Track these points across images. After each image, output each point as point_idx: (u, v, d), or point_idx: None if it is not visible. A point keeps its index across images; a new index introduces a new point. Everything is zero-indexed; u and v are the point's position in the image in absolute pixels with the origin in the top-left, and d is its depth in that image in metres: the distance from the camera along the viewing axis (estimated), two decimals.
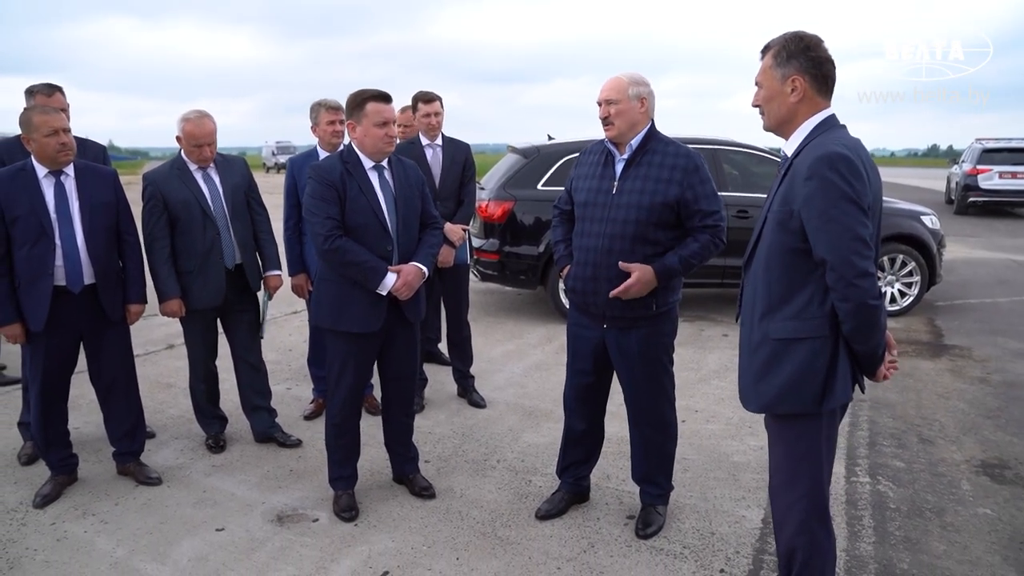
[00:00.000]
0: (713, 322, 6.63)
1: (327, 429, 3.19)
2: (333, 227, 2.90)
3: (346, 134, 3.10)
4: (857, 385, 2.09)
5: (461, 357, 4.61)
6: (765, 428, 2.25)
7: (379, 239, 2.98)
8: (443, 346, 5.08)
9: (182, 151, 3.55)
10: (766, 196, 2.21)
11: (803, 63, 2.02)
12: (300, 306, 6.58)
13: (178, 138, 3.50)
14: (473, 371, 4.68)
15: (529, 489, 3.39)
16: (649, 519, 3.01)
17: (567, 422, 3.15)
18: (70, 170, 3.15)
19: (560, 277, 3.15)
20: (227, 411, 4.00)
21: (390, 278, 2.96)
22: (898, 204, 7.17)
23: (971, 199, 16.34)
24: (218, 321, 3.78)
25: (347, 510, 3.13)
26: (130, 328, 3.42)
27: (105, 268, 3.21)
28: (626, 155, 2.80)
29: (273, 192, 5.61)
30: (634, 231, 2.73)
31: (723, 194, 6.32)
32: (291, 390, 4.77)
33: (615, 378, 3.03)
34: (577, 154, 3.19)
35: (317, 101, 4.07)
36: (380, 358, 3.21)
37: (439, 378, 4.88)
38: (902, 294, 6.85)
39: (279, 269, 3.89)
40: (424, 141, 4.29)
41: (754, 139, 6.99)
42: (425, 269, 3.09)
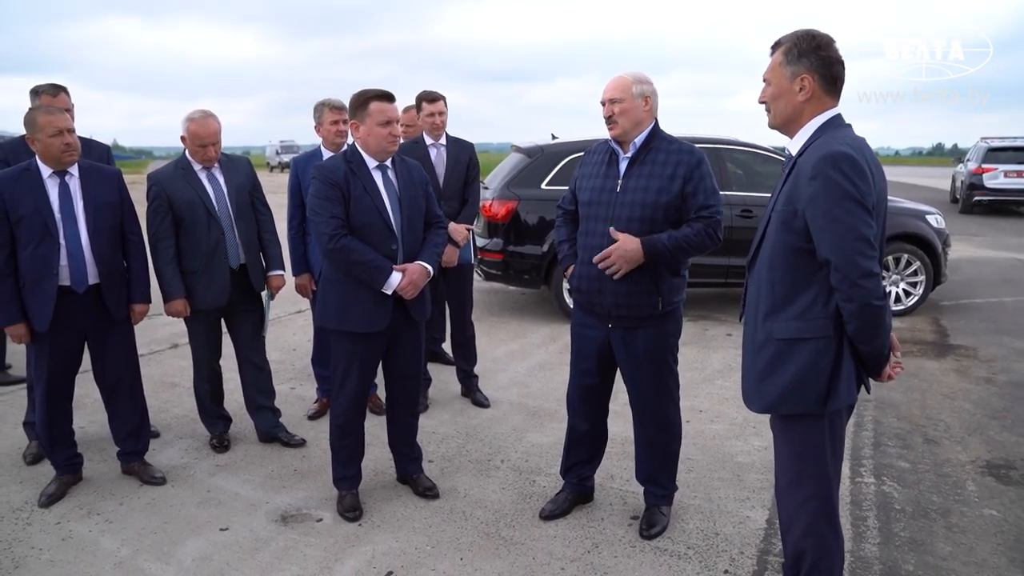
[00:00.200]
0: (717, 322, 6.61)
1: (331, 429, 3.19)
2: (338, 226, 2.90)
3: (350, 134, 3.10)
4: (863, 386, 2.08)
5: (465, 357, 4.61)
6: (770, 428, 2.25)
7: (384, 238, 2.98)
8: (447, 346, 5.08)
9: (186, 151, 3.55)
10: (770, 195, 2.20)
11: (813, 62, 2.01)
12: (304, 305, 6.59)
13: (183, 138, 3.51)
14: (477, 371, 4.68)
15: (533, 489, 3.39)
16: (653, 519, 3.01)
17: (570, 422, 3.15)
18: (74, 170, 3.15)
19: (564, 277, 3.15)
20: (231, 411, 4.01)
21: (395, 277, 2.96)
22: (903, 203, 7.14)
23: (976, 198, 16.29)
24: (222, 321, 3.79)
25: (351, 510, 3.13)
26: (134, 328, 3.43)
27: (109, 268, 3.21)
28: (630, 153, 2.80)
29: (277, 192, 5.61)
30: (639, 229, 2.72)
31: (727, 193, 6.38)
32: (295, 390, 4.77)
33: (619, 378, 3.03)
34: (581, 153, 3.18)
35: (321, 101, 4.07)
36: (385, 358, 3.21)
37: (443, 378, 4.88)
38: (907, 294, 6.82)
39: (283, 269, 3.89)
40: (428, 141, 4.29)
41: (759, 138, 6.97)
42: (430, 268, 3.08)
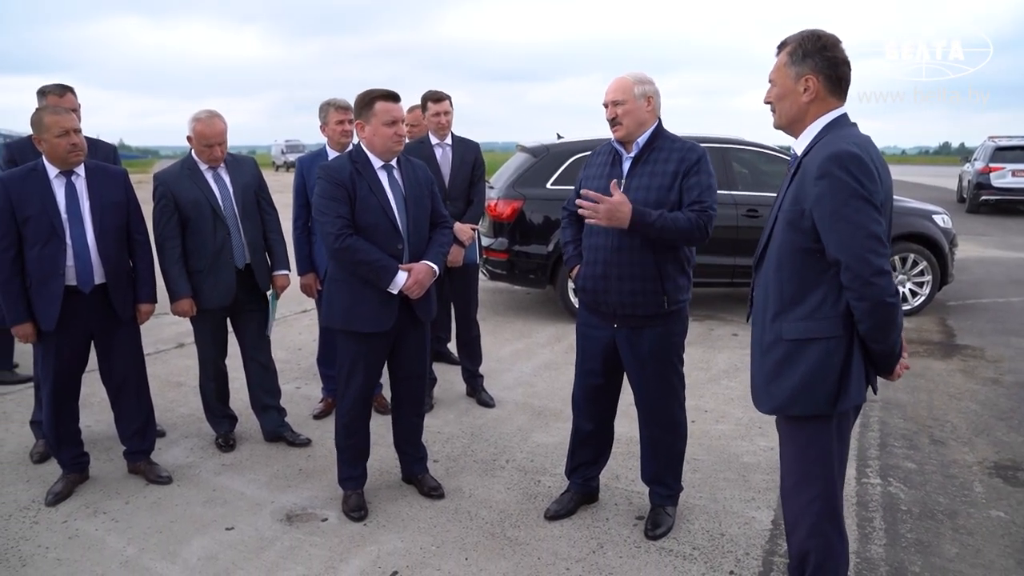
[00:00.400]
0: (723, 321, 6.60)
1: (337, 429, 3.19)
2: (343, 226, 2.90)
3: (355, 134, 3.10)
4: (870, 386, 2.07)
5: (470, 356, 4.61)
6: (776, 429, 2.24)
7: (390, 238, 2.98)
8: (452, 346, 5.08)
9: (193, 151, 3.56)
10: (775, 195, 2.19)
11: (818, 63, 2.00)
12: (309, 305, 6.60)
13: (189, 138, 3.51)
14: (482, 370, 4.68)
15: (538, 489, 3.39)
16: (658, 520, 3.00)
17: (576, 422, 3.14)
18: (81, 170, 3.16)
19: (570, 277, 3.15)
20: (237, 410, 4.01)
21: (401, 276, 2.96)
22: (909, 203, 7.12)
23: (983, 197, 16.21)
24: (228, 320, 3.80)
25: (356, 510, 3.13)
26: (140, 327, 3.44)
27: (116, 268, 3.22)
28: (633, 153, 2.80)
29: (283, 191, 5.62)
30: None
31: (733, 193, 6.38)
32: (300, 389, 4.78)
33: (625, 378, 3.02)
34: (586, 153, 3.17)
35: (326, 101, 4.07)
36: (390, 358, 3.21)
37: (448, 377, 4.88)
38: (913, 294, 6.80)
39: (288, 269, 3.89)
40: (434, 140, 4.29)
41: (764, 137, 6.95)
42: (436, 268, 3.08)
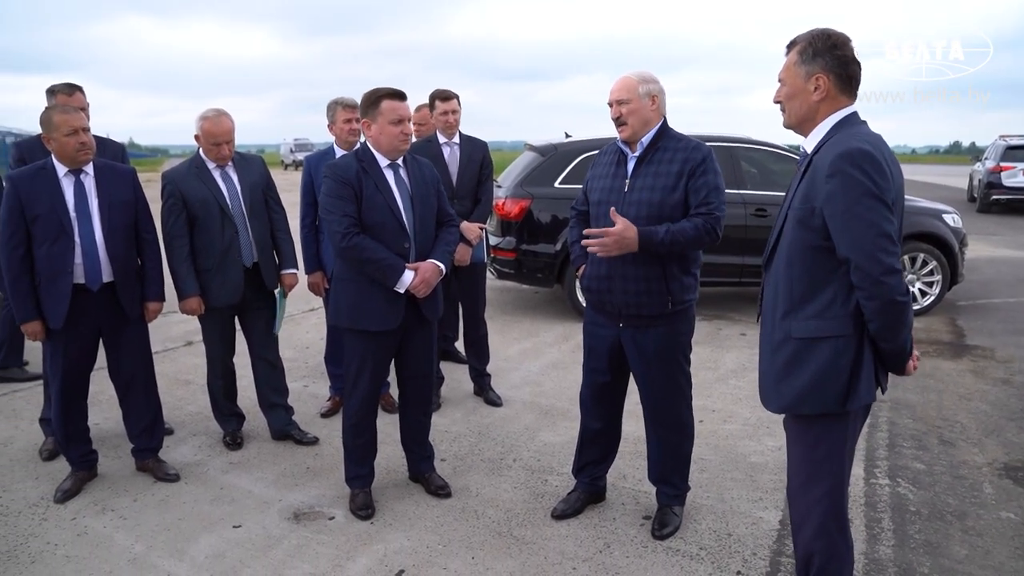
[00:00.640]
0: (731, 321, 6.57)
1: (344, 428, 3.19)
2: (350, 224, 2.90)
3: (362, 132, 3.11)
4: (879, 386, 2.06)
5: (478, 355, 4.61)
6: (784, 429, 2.23)
7: (396, 237, 2.98)
8: (460, 344, 5.08)
9: (200, 149, 3.57)
10: (785, 194, 2.18)
11: (828, 62, 1.99)
12: (317, 303, 6.61)
13: (197, 137, 3.52)
14: (489, 369, 4.67)
15: (545, 488, 3.38)
16: (665, 520, 2.99)
17: (583, 421, 3.14)
18: (90, 169, 3.17)
19: (577, 276, 3.14)
20: (244, 408, 4.02)
21: (408, 275, 2.96)
22: (920, 202, 7.08)
23: (994, 197, 16.10)
24: (236, 319, 3.80)
25: (363, 508, 3.14)
26: (148, 325, 3.45)
27: (124, 266, 3.24)
28: (638, 152, 2.79)
29: (291, 190, 5.63)
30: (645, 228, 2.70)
31: (742, 192, 6.36)
32: (308, 387, 4.79)
33: (632, 377, 3.01)
34: (594, 152, 3.16)
35: (334, 99, 4.07)
36: (398, 356, 3.21)
37: (455, 376, 4.88)
38: (923, 293, 6.76)
39: (295, 267, 3.90)
40: (441, 139, 4.29)
41: (773, 136, 6.93)
42: (443, 266, 3.08)
